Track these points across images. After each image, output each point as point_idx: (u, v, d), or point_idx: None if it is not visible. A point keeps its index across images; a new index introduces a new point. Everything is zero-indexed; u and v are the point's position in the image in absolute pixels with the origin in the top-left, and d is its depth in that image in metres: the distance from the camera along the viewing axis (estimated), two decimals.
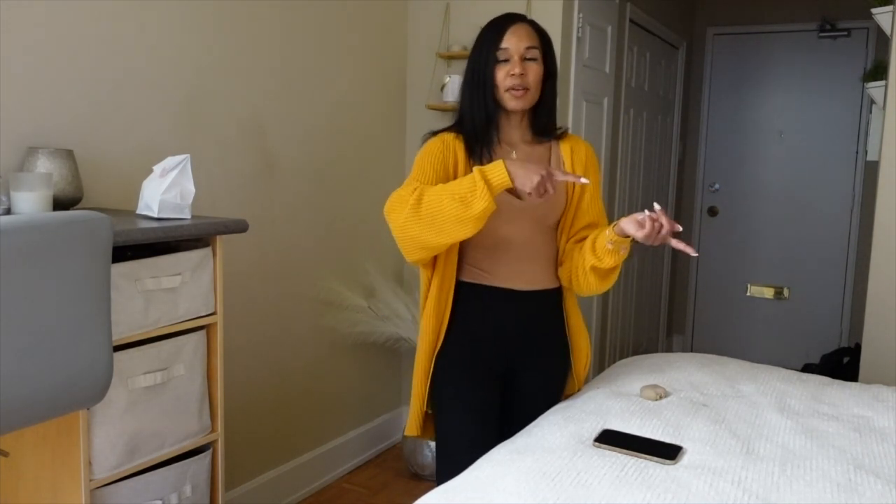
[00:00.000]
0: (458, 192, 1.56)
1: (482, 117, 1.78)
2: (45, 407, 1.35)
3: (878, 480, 1.36)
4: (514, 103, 1.76)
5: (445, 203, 1.57)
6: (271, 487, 2.76)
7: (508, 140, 1.83)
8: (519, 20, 1.79)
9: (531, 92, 1.77)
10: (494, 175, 1.55)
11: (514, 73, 1.74)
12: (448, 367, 1.84)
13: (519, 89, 1.74)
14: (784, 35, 4.73)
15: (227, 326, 2.35)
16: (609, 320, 3.86)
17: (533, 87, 1.77)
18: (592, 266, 1.75)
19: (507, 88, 1.75)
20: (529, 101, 1.78)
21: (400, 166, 3.36)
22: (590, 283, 1.79)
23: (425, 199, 1.59)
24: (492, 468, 1.41)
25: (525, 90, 1.75)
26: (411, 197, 1.60)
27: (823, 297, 4.73)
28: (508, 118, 1.82)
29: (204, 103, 2.39)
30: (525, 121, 1.84)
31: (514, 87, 1.74)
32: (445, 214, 1.57)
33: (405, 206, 1.60)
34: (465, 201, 1.55)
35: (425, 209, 1.58)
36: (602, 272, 1.77)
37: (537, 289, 1.84)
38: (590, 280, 1.78)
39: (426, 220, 1.59)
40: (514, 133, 1.84)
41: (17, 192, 1.65)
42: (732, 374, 1.99)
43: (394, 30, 3.26)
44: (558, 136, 1.88)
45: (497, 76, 1.76)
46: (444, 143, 1.79)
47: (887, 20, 2.73)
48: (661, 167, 4.61)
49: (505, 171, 1.55)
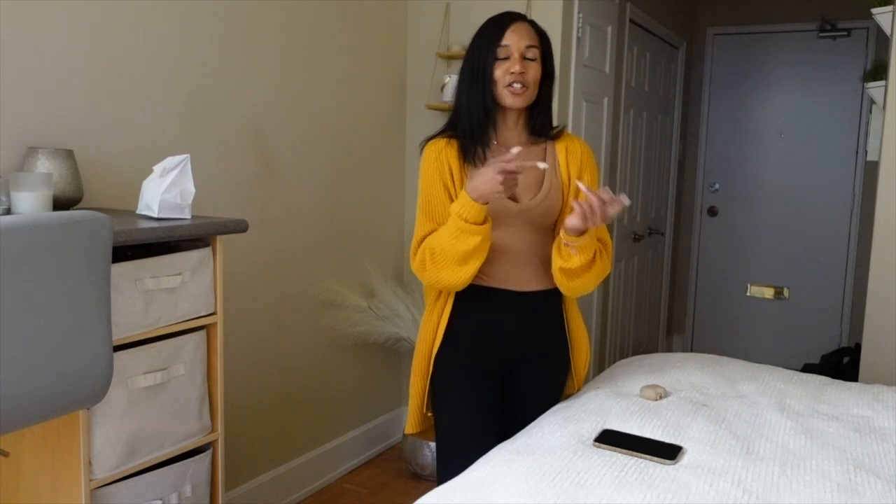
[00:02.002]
0: (454, 233, 1.68)
1: (480, 115, 1.78)
2: (45, 407, 1.35)
3: (878, 480, 1.36)
4: (512, 100, 1.76)
5: (449, 245, 1.69)
6: (271, 487, 2.76)
7: (504, 140, 1.83)
8: (519, 19, 1.79)
9: (530, 90, 1.77)
10: (464, 209, 1.65)
11: (515, 70, 1.74)
12: (448, 368, 1.84)
13: (518, 86, 1.75)
14: (784, 35, 4.73)
15: (227, 326, 2.35)
16: (609, 320, 3.86)
17: (531, 86, 1.77)
18: (560, 268, 1.75)
19: (506, 85, 1.75)
20: (527, 100, 1.78)
21: (400, 166, 3.36)
22: (562, 283, 1.79)
23: (437, 254, 1.72)
24: (492, 468, 1.41)
25: (524, 87, 1.75)
26: (425, 260, 1.74)
27: (823, 297, 4.73)
28: (505, 118, 1.82)
29: (204, 103, 2.39)
30: (521, 121, 1.84)
31: (513, 83, 1.74)
32: (456, 252, 1.69)
33: (424, 266, 1.75)
34: (460, 239, 1.68)
35: (440, 259, 1.72)
36: (571, 272, 1.75)
37: (536, 289, 1.84)
38: (561, 280, 1.78)
39: (446, 266, 1.72)
40: (510, 133, 1.84)
41: (17, 192, 1.65)
42: (732, 374, 1.99)
43: (394, 30, 3.26)
44: (554, 136, 1.88)
45: (496, 73, 1.76)
46: (437, 157, 1.79)
47: (887, 20, 2.73)
48: (661, 167, 4.61)
49: (468, 199, 1.65)
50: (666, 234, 4.85)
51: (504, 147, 1.79)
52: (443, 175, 1.78)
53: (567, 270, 1.75)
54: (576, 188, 1.83)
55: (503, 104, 1.78)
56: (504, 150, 1.77)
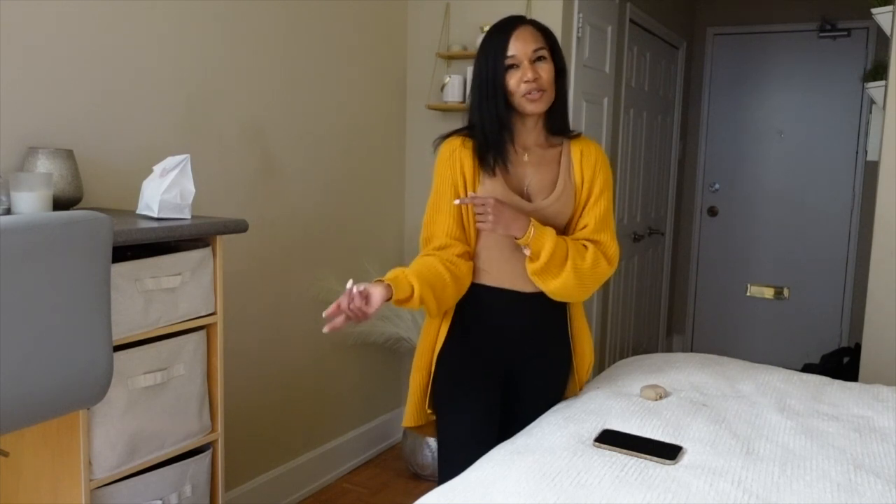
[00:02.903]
0: None
1: (495, 127, 1.77)
2: (45, 407, 1.35)
3: (878, 480, 1.36)
4: (533, 107, 1.75)
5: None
6: (271, 487, 2.76)
7: (523, 144, 1.82)
8: (520, 23, 1.77)
9: (548, 92, 1.76)
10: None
11: (528, 78, 1.72)
12: (450, 367, 1.84)
13: (535, 92, 1.73)
14: (784, 35, 4.73)
15: (227, 326, 2.35)
16: (609, 320, 3.86)
17: (549, 87, 1.75)
18: (530, 271, 1.75)
19: (523, 94, 1.73)
20: (547, 102, 1.77)
21: (400, 166, 3.36)
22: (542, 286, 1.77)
23: None
24: (492, 468, 1.41)
25: (541, 92, 1.74)
26: None
27: (823, 297, 4.73)
28: (524, 122, 1.81)
29: (204, 103, 2.39)
30: (540, 123, 1.83)
31: (529, 91, 1.73)
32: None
33: None
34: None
35: None
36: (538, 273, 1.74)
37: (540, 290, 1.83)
38: (539, 283, 1.77)
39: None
40: (529, 136, 1.83)
41: (17, 192, 1.65)
42: (732, 374, 1.99)
43: (394, 30, 3.26)
44: (570, 137, 1.88)
45: (509, 83, 1.74)
46: (450, 156, 1.79)
47: (887, 20, 2.73)
48: (661, 167, 4.61)
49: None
50: (666, 234, 4.85)
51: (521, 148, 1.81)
52: (454, 174, 1.78)
53: (533, 272, 1.74)
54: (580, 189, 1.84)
55: (524, 112, 1.77)
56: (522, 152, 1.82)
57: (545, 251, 1.70)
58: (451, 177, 1.78)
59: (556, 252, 1.71)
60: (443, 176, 1.80)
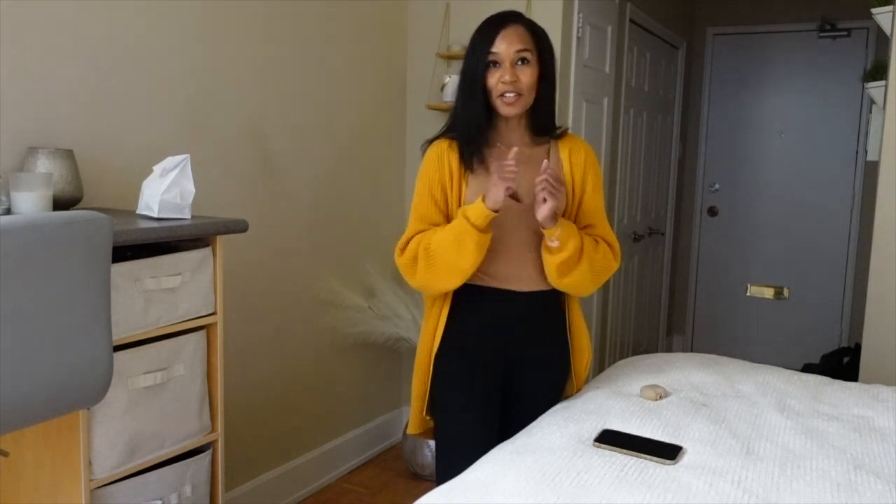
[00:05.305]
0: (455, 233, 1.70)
1: (474, 122, 1.77)
2: (45, 407, 1.35)
3: (878, 480, 1.36)
4: (506, 109, 1.75)
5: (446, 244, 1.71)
6: (271, 487, 2.76)
7: (507, 142, 1.82)
8: (511, 22, 1.75)
9: (524, 97, 1.75)
10: (473, 213, 1.68)
11: (506, 80, 1.72)
12: (448, 368, 1.84)
13: (510, 95, 1.73)
14: (784, 35, 4.73)
15: (227, 326, 2.35)
16: (609, 320, 3.86)
17: (526, 92, 1.75)
18: (550, 264, 1.76)
19: (498, 94, 1.74)
20: (522, 107, 1.77)
21: (400, 166, 3.36)
22: (556, 280, 1.78)
23: (433, 250, 1.73)
24: (492, 468, 1.41)
25: (517, 95, 1.73)
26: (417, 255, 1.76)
27: (823, 297, 4.73)
28: (506, 121, 1.81)
29: (204, 103, 2.39)
30: (523, 122, 1.83)
31: (505, 93, 1.73)
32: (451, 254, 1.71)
33: (415, 262, 1.76)
34: (459, 240, 1.69)
35: (435, 255, 1.73)
36: (559, 267, 1.74)
37: (536, 289, 1.84)
38: (554, 278, 1.77)
39: (439, 263, 1.73)
40: (513, 135, 1.83)
41: (17, 192, 1.65)
42: (732, 374, 1.99)
43: (394, 30, 3.26)
44: (557, 136, 1.88)
45: (489, 81, 1.74)
46: (438, 158, 1.80)
47: (887, 20, 2.72)
48: (661, 167, 4.61)
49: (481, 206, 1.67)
50: (666, 234, 4.85)
51: (505, 146, 1.80)
52: (442, 177, 1.78)
53: (557, 266, 1.74)
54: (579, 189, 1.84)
55: (499, 112, 1.77)
56: (505, 149, 1.78)
57: (572, 242, 1.71)
58: (440, 179, 1.79)
59: (582, 244, 1.74)
60: (428, 178, 1.80)
